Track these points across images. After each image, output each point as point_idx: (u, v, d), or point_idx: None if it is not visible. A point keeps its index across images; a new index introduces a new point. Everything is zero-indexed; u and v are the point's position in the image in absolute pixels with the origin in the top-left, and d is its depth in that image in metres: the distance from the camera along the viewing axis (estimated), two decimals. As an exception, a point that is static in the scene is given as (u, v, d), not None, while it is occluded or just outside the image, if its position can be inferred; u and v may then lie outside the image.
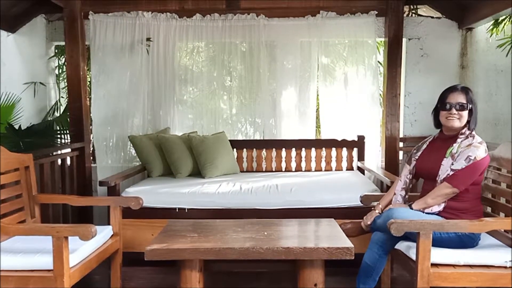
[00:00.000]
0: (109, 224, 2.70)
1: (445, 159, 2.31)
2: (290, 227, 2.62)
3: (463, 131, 2.35)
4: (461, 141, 2.32)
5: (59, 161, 3.64)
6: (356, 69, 4.13)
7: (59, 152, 3.70)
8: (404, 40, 4.09)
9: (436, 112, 2.46)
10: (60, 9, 3.89)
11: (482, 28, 3.92)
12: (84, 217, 3.83)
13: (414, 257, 2.19)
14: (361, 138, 4.08)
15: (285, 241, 2.34)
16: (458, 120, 2.34)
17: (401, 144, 4.12)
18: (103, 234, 2.51)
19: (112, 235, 2.63)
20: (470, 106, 2.34)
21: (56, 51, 4.61)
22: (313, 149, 4.15)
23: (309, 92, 4.17)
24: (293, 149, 4.15)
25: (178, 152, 3.74)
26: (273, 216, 3.04)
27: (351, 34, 4.06)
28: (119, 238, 2.69)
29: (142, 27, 4.06)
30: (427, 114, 4.20)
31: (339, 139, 4.10)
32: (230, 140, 3.97)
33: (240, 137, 4.31)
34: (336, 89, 4.20)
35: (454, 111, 2.34)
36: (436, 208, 2.34)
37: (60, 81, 4.69)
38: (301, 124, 4.19)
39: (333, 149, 4.14)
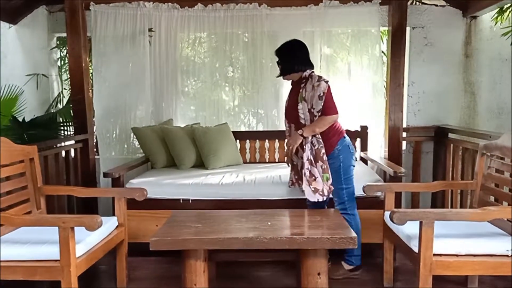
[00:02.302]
0: (113, 215, 2.73)
1: (299, 104, 2.71)
2: (293, 217, 2.63)
3: (304, 75, 2.76)
4: (304, 85, 2.72)
5: (63, 153, 3.66)
6: (360, 59, 4.11)
7: (62, 144, 3.71)
8: (408, 29, 4.04)
9: None
10: (61, 0, 3.87)
11: (487, 17, 3.88)
12: (89, 208, 3.85)
13: (415, 249, 2.20)
14: (364, 129, 4.07)
15: (288, 231, 2.36)
16: (283, 75, 2.83)
17: (404, 134, 4.11)
18: (108, 225, 2.54)
19: (117, 226, 2.66)
20: (283, 62, 2.80)
21: (58, 42, 4.60)
22: (316, 139, 4.14)
23: (312, 83, 4.14)
24: (296, 140, 4.14)
25: (181, 143, 3.75)
26: (276, 207, 3.06)
27: (354, 23, 4.03)
28: (124, 229, 2.71)
29: (144, 17, 4.04)
30: (431, 104, 4.25)
31: (342, 129, 4.09)
32: (232, 131, 3.97)
33: (243, 128, 4.31)
34: (339, 80, 4.17)
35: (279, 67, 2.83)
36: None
37: (63, 73, 4.68)
38: (304, 114, 4.17)
39: (336, 139, 4.13)
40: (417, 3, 4.23)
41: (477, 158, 2.76)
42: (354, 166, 2.86)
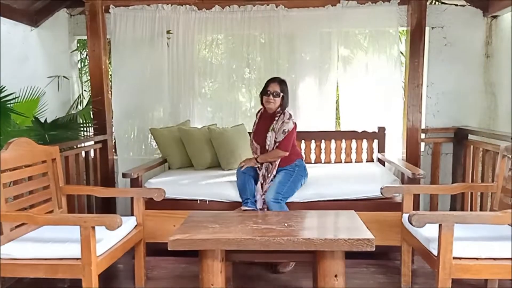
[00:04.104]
0: (132, 215, 2.76)
1: (269, 133, 3.14)
2: (310, 218, 2.63)
3: (279, 110, 3.18)
4: (277, 119, 3.16)
5: (83, 154, 3.73)
6: (378, 59, 4.07)
7: (83, 144, 3.78)
8: (427, 29, 3.99)
9: (261, 95, 3.25)
10: (82, 3, 3.95)
11: (508, 16, 3.81)
12: (107, 207, 3.91)
13: (434, 252, 2.17)
14: (381, 130, 4.04)
15: (305, 232, 2.36)
16: (273, 103, 3.16)
17: (423, 136, 4.06)
18: (127, 225, 2.57)
19: (135, 226, 2.69)
20: (282, 94, 3.17)
21: (78, 45, 4.69)
22: (332, 140, 4.14)
23: (329, 83, 4.13)
24: (313, 141, 4.14)
25: (198, 144, 3.78)
26: (293, 208, 3.06)
27: (372, 23, 4.00)
28: (143, 229, 2.74)
29: (162, 20, 4.08)
30: (451, 105, 4.19)
31: (359, 130, 4.08)
32: (249, 132, 3.97)
33: (259, 129, 4.31)
34: (356, 80, 4.15)
35: (271, 97, 3.15)
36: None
37: (83, 75, 4.77)
38: (320, 115, 4.16)
39: (353, 140, 4.12)
40: (437, 2, 4.18)
41: (498, 160, 2.71)
42: (301, 184, 3.22)
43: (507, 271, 2.13)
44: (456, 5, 4.13)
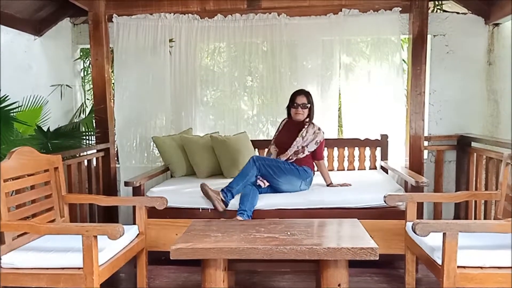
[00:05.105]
0: (134, 223, 2.75)
1: (298, 138, 3.35)
2: (313, 227, 2.61)
3: (306, 120, 3.42)
4: (307, 127, 3.38)
5: (86, 162, 3.73)
6: (380, 67, 4.08)
7: (85, 153, 3.79)
8: (429, 36, 4.00)
9: (288, 108, 3.51)
10: (85, 12, 3.98)
11: (509, 24, 3.81)
12: (110, 216, 3.91)
13: (439, 261, 2.16)
14: (384, 137, 4.03)
15: (308, 241, 2.34)
16: (302, 115, 3.42)
17: (426, 143, 4.05)
18: (129, 234, 2.56)
19: (137, 235, 2.68)
20: (309, 105, 3.43)
21: (81, 53, 4.72)
22: (335, 148, 4.13)
23: (331, 91, 4.14)
24: (315, 149, 4.13)
25: (201, 152, 3.78)
26: (296, 216, 3.05)
27: (374, 31, 4.01)
28: (145, 238, 2.73)
29: (165, 28, 4.11)
30: (453, 112, 4.19)
31: (362, 138, 4.07)
32: (251, 140, 3.98)
33: (261, 137, 4.32)
34: (359, 88, 4.16)
35: (300, 109, 3.40)
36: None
37: (85, 84, 4.79)
38: (323, 123, 4.13)
39: (356, 148, 4.11)
40: (438, 10, 4.19)
41: (502, 168, 2.69)
42: (297, 187, 3.32)
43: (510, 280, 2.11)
44: (458, 13, 4.14)
